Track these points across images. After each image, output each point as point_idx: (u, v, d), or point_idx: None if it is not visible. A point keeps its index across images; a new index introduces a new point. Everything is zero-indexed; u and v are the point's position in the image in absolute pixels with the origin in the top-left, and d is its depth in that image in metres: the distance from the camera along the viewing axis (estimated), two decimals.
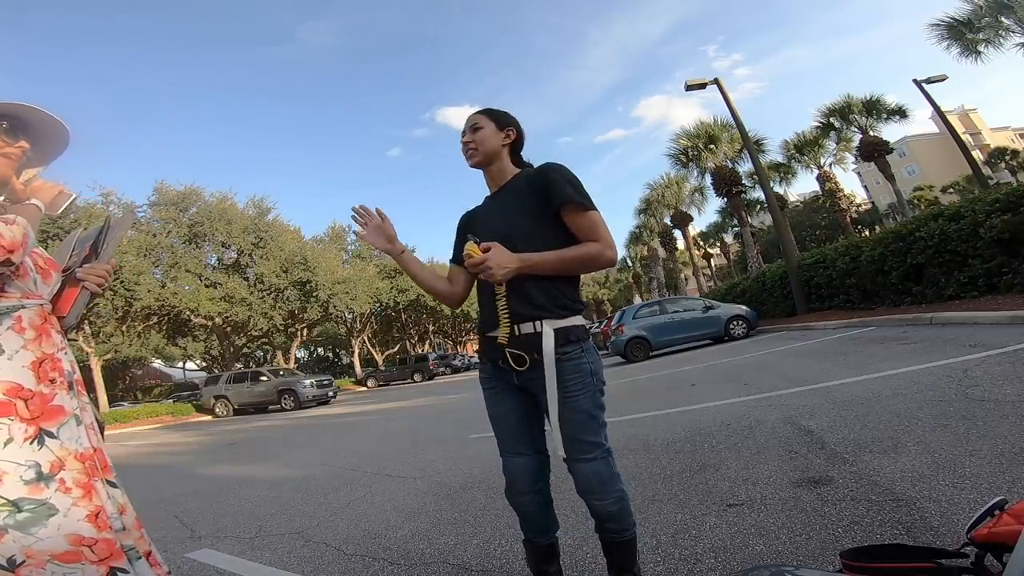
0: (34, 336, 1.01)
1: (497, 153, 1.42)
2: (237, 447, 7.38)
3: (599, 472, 1.30)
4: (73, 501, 0.94)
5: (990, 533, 0.78)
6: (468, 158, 1.43)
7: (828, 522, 1.66)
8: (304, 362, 45.86)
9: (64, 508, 0.93)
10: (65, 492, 0.94)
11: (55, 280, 1.14)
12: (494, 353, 1.34)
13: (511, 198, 1.38)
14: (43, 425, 0.96)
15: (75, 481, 0.96)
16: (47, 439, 0.95)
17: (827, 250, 11.02)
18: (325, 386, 16.16)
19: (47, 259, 1.15)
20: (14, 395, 0.94)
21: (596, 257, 1.26)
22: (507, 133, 1.43)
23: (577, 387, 1.28)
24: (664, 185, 26.64)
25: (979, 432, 2.17)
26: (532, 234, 1.28)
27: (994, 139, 46.67)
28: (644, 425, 3.77)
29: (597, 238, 1.26)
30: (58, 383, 1.01)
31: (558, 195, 1.27)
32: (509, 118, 1.45)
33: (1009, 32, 14.24)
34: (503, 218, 1.35)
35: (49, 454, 0.95)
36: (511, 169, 1.46)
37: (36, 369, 0.98)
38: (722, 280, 35.39)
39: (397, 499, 2.94)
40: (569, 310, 1.30)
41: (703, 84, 12.74)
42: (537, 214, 1.30)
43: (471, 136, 1.41)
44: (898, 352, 4.68)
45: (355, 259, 30.48)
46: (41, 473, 0.92)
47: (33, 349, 0.99)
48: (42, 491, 0.92)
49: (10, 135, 1.07)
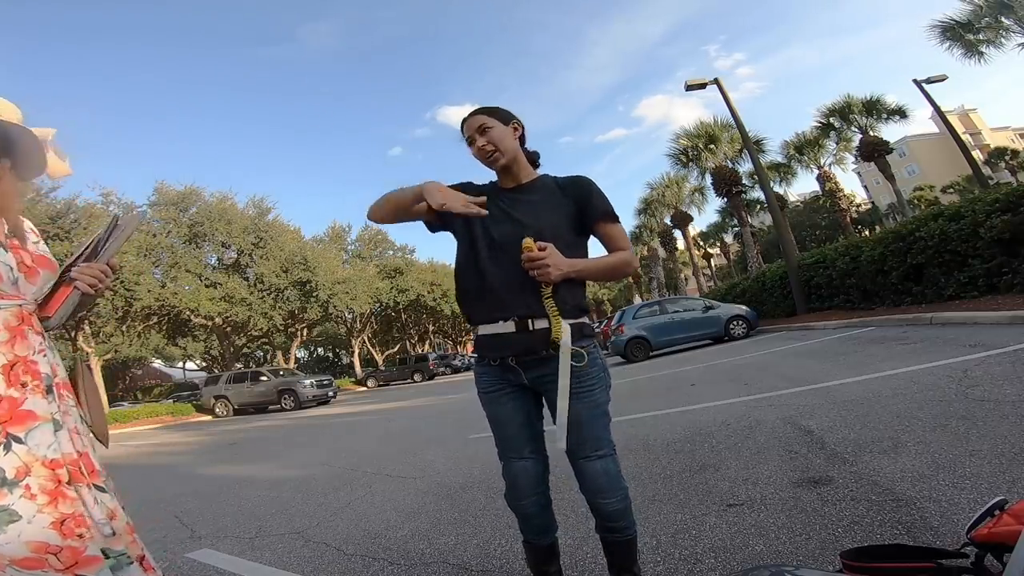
0: (7, 339, 0.98)
1: (517, 149, 1.40)
2: (237, 447, 7.39)
3: (608, 470, 1.30)
4: (38, 508, 0.92)
5: (990, 533, 0.78)
6: (492, 162, 1.38)
7: (828, 522, 1.66)
8: (304, 362, 45.87)
9: (28, 515, 0.91)
10: (30, 499, 0.92)
11: (43, 279, 1.10)
12: (505, 350, 1.29)
13: (542, 197, 1.37)
14: (10, 430, 0.94)
15: (41, 488, 0.93)
16: (14, 444, 0.93)
17: (827, 250, 11.02)
18: (325, 386, 16.16)
19: (36, 257, 1.10)
20: None
21: (628, 264, 1.38)
22: (514, 127, 1.42)
23: (594, 382, 1.30)
24: (664, 185, 26.63)
25: (979, 432, 2.17)
26: (559, 235, 1.29)
27: (994, 139, 46.68)
28: (644, 425, 3.77)
29: (626, 247, 1.38)
30: (30, 387, 0.98)
31: (597, 207, 1.36)
32: (509, 112, 1.44)
33: (1009, 32, 14.25)
34: (535, 215, 1.32)
35: (15, 459, 0.92)
36: (529, 167, 1.44)
37: (6, 373, 0.96)
38: (722, 280, 35.40)
39: (397, 499, 2.94)
40: (582, 311, 1.34)
41: (703, 84, 12.74)
42: (566, 215, 1.35)
43: (485, 139, 1.36)
44: (898, 352, 4.68)
45: (355, 259, 30.53)
46: (4, 479, 0.91)
47: (5, 352, 0.97)
48: (5, 496, 0.90)
49: None
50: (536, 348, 1.26)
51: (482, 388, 1.40)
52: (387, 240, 33.88)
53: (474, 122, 1.38)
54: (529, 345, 1.27)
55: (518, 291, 1.26)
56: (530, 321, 1.26)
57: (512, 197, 1.39)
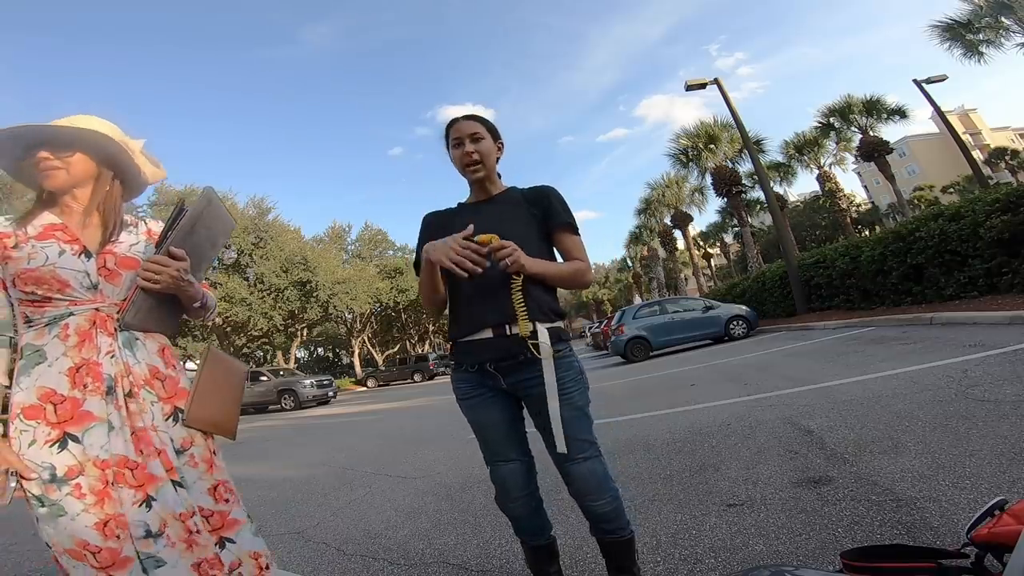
0: (76, 342, 1.04)
1: (494, 168, 1.44)
2: (237, 447, 7.38)
3: (595, 471, 1.30)
4: (85, 507, 0.97)
5: (990, 533, 0.78)
6: (471, 172, 1.38)
7: (828, 522, 1.66)
8: (304, 362, 45.84)
9: (73, 512, 0.96)
10: (79, 497, 0.97)
11: (125, 281, 1.12)
12: (483, 355, 1.29)
13: (508, 207, 1.39)
14: (68, 429, 0.99)
15: (90, 488, 0.98)
16: (70, 443, 0.99)
17: (827, 250, 11.02)
18: (325, 386, 16.16)
19: (121, 259, 1.13)
20: (46, 400, 1.00)
21: (583, 275, 1.38)
22: (499, 146, 1.45)
23: (572, 384, 1.30)
24: (664, 185, 26.63)
25: (979, 432, 2.17)
26: (527, 243, 1.29)
27: (994, 139, 46.69)
28: (644, 425, 3.77)
29: (582, 258, 1.40)
30: (91, 388, 1.02)
31: (557, 217, 1.38)
32: (497, 130, 1.46)
33: (1009, 32, 14.25)
34: (501, 224, 1.32)
35: (69, 458, 0.98)
36: (499, 182, 1.47)
37: (72, 375, 1.02)
38: (722, 280, 35.39)
39: (397, 499, 2.94)
40: (558, 315, 1.35)
41: (703, 84, 12.75)
42: (532, 227, 1.37)
43: (475, 147, 1.36)
44: (898, 352, 4.68)
45: (355, 259, 30.54)
46: (55, 476, 0.97)
47: (72, 355, 1.03)
48: (55, 492, 0.96)
49: (61, 151, 1.11)
50: (514, 352, 1.26)
51: (461, 395, 1.39)
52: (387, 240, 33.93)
53: (469, 127, 1.36)
54: (507, 350, 1.27)
55: (492, 298, 1.27)
56: (507, 327, 1.27)
57: (481, 209, 1.41)
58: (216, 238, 1.27)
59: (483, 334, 1.29)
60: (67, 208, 1.14)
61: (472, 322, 1.32)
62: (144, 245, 1.20)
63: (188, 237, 1.15)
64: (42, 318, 1.05)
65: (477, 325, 1.30)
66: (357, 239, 32.43)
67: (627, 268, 44.39)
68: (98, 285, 1.09)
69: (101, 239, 1.14)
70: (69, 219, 1.12)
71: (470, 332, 1.32)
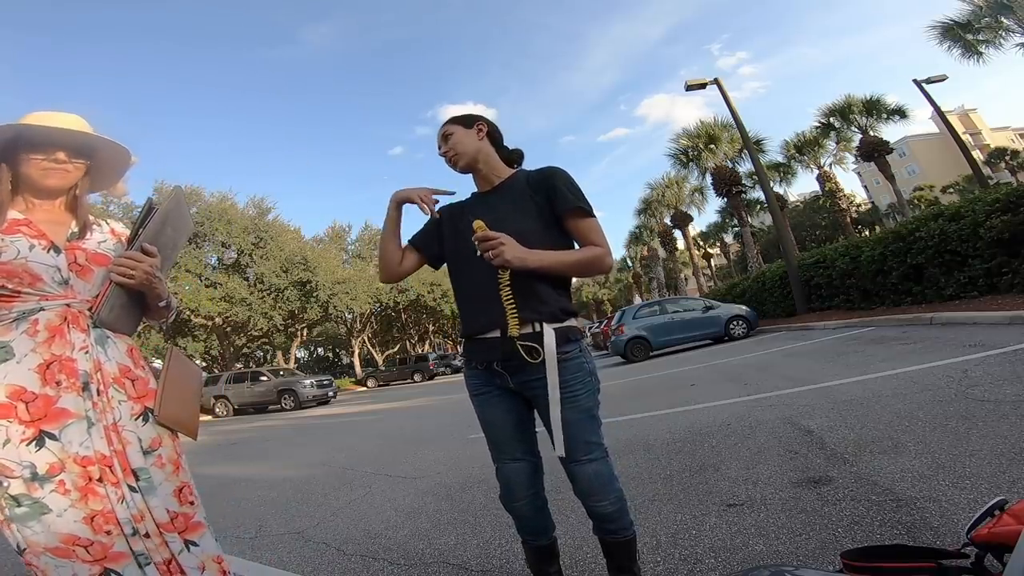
0: (46, 338, 1.01)
1: (478, 150, 1.40)
2: (237, 447, 7.38)
3: (600, 473, 1.29)
4: (71, 503, 0.96)
5: (990, 533, 0.78)
6: (453, 165, 1.41)
7: (828, 522, 1.66)
8: (304, 362, 45.85)
9: (59, 509, 0.95)
10: (63, 494, 0.95)
11: (97, 277, 1.12)
12: (491, 354, 1.29)
13: (511, 196, 1.36)
14: (44, 427, 0.97)
15: (73, 484, 0.97)
16: (47, 440, 0.97)
17: (827, 250, 11.02)
18: (325, 386, 16.15)
19: (92, 255, 1.12)
20: (16, 398, 0.96)
21: (599, 261, 1.30)
22: (478, 128, 1.41)
23: (579, 386, 1.27)
24: (664, 185, 26.66)
25: (979, 432, 2.17)
26: (534, 233, 1.27)
27: (994, 139, 46.68)
28: (644, 425, 3.77)
29: (598, 243, 1.30)
30: (65, 385, 1.00)
31: (564, 200, 1.29)
32: (474, 116, 1.44)
33: (1009, 32, 14.25)
34: (503, 214, 1.30)
35: (49, 455, 0.96)
36: (503, 167, 1.43)
37: (42, 372, 0.99)
38: (722, 280, 35.38)
39: (397, 499, 2.94)
40: (568, 314, 1.31)
41: (703, 84, 12.75)
42: (538, 214, 1.31)
43: (447, 146, 1.39)
44: (898, 352, 4.68)
45: (355, 259, 30.48)
46: (36, 474, 0.95)
47: (42, 352, 1.00)
48: (37, 491, 0.94)
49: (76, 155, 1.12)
50: (533, 344, 1.24)
51: (472, 391, 1.40)
52: None
53: (441, 132, 1.42)
54: (509, 351, 1.25)
55: (495, 297, 1.24)
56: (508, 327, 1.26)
57: (486, 199, 1.40)
58: (179, 239, 1.27)
59: (492, 333, 1.28)
60: (31, 204, 1.12)
61: (478, 320, 1.31)
62: (113, 243, 1.19)
63: (158, 235, 1.15)
64: (9, 313, 1.01)
65: (485, 323, 1.29)
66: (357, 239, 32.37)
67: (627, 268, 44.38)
68: (69, 280, 1.07)
69: (68, 235, 1.13)
70: (32, 215, 1.10)
71: (479, 330, 1.31)
